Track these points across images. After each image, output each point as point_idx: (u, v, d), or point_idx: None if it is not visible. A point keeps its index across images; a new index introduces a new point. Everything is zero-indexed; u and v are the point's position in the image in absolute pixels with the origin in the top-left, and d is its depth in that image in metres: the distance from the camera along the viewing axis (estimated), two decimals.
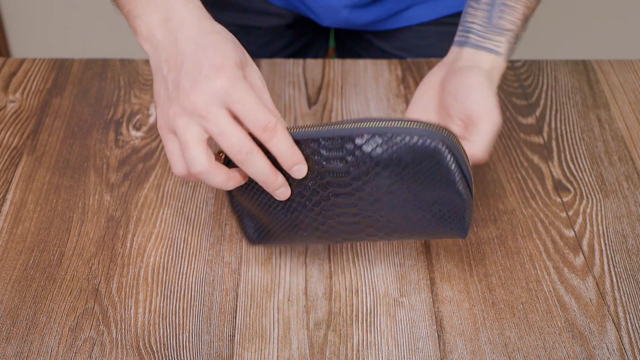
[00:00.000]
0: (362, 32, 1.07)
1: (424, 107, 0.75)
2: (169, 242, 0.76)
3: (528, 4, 0.75)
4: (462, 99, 0.70)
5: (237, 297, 0.72)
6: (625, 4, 2.03)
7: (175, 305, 0.71)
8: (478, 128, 0.69)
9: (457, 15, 1.02)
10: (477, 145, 0.68)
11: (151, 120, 0.90)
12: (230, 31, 1.08)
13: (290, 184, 0.64)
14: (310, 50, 1.13)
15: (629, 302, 0.71)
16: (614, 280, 0.73)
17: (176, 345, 0.68)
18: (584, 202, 0.81)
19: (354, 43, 1.11)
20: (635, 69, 1.00)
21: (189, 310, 0.71)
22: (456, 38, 0.76)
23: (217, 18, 1.08)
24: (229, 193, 0.67)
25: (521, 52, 1.22)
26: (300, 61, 1.00)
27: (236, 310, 0.71)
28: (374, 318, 0.70)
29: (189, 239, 0.77)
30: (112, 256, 0.75)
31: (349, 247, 0.76)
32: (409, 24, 1.03)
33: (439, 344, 0.68)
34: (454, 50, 0.76)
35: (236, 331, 0.69)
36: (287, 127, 0.62)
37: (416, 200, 0.64)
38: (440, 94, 0.74)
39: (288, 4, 1.03)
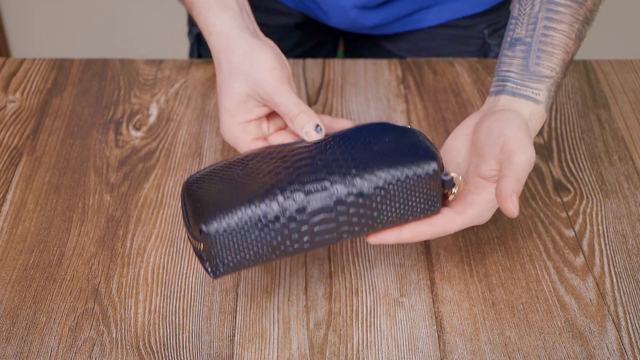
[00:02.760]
0: (370, 34, 1.07)
1: (454, 154, 0.71)
2: (169, 242, 0.76)
3: (567, 48, 0.71)
4: (496, 134, 0.66)
5: (237, 297, 0.72)
6: (625, 4, 2.03)
7: (175, 305, 0.71)
8: (512, 161, 0.64)
9: (465, 18, 1.03)
10: (510, 179, 0.63)
11: (151, 120, 0.90)
12: None
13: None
14: (318, 53, 1.13)
15: (629, 302, 0.71)
16: (614, 280, 0.73)
17: (176, 345, 0.68)
18: (584, 202, 0.81)
19: (361, 45, 1.11)
20: (635, 69, 1.00)
21: (189, 310, 0.71)
22: (491, 89, 0.73)
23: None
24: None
25: None
26: (300, 61, 1.00)
27: (236, 310, 0.71)
28: (374, 318, 0.70)
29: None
30: (112, 256, 0.75)
31: (349, 247, 0.76)
32: (417, 28, 1.03)
33: (439, 344, 0.68)
34: (489, 99, 0.72)
35: (236, 331, 0.69)
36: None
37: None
38: (472, 139, 0.70)
39: (297, 3, 1.03)
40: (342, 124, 0.74)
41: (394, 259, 0.75)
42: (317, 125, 0.68)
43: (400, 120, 0.91)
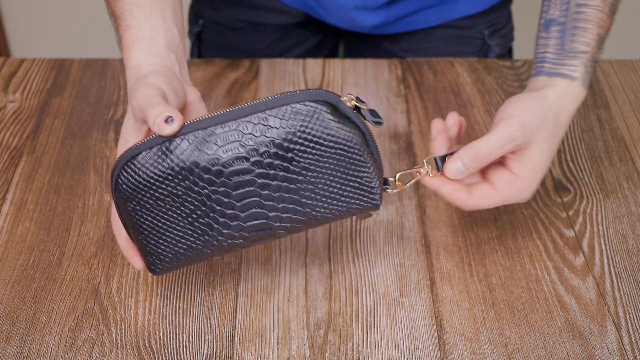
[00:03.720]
0: (370, 35, 1.07)
1: None
2: None
3: (601, 22, 0.71)
4: (500, 114, 0.68)
5: (237, 297, 0.72)
6: (625, 4, 2.03)
7: (175, 305, 0.71)
8: (486, 135, 0.67)
9: (464, 19, 1.03)
10: (465, 149, 0.66)
11: None
12: (239, 28, 1.09)
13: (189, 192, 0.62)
14: (319, 53, 1.13)
15: (629, 302, 0.71)
16: (614, 280, 0.73)
17: (176, 345, 0.68)
18: (584, 202, 0.81)
19: (361, 45, 1.11)
20: (635, 69, 1.00)
21: (189, 310, 0.71)
22: (532, 71, 0.74)
23: (227, 14, 1.08)
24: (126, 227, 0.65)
25: (521, 52, 1.23)
26: (300, 61, 1.00)
27: (236, 310, 0.71)
28: (374, 318, 0.70)
29: None
30: (112, 256, 0.75)
31: (349, 247, 0.76)
32: (416, 28, 1.03)
33: (439, 344, 0.68)
34: (530, 82, 0.73)
35: (236, 331, 0.69)
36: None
37: (324, 177, 0.63)
38: None
39: (298, 2, 1.03)
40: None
41: (394, 259, 0.75)
42: (169, 117, 0.61)
43: (400, 120, 0.91)
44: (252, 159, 0.61)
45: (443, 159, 0.68)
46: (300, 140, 0.61)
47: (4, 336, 0.68)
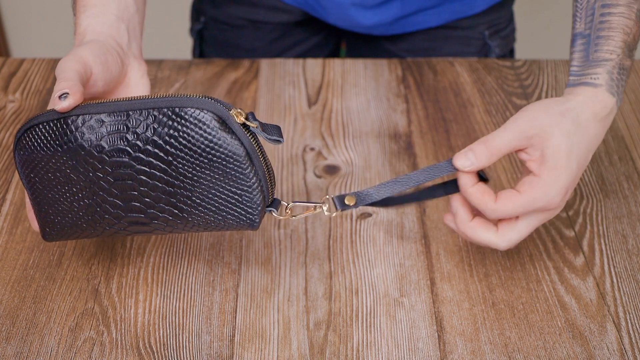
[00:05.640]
0: (370, 35, 1.07)
1: None
2: (169, 242, 0.76)
3: (626, 29, 0.69)
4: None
5: (237, 297, 0.72)
6: None
7: (175, 305, 0.71)
8: (499, 131, 0.66)
9: (464, 19, 1.03)
10: (479, 143, 0.66)
11: None
12: (240, 25, 1.09)
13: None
14: (319, 53, 1.13)
15: (629, 302, 0.71)
16: (614, 280, 0.73)
17: (176, 345, 0.68)
18: (584, 202, 0.81)
19: (361, 44, 1.11)
20: (635, 69, 0.99)
21: (189, 310, 0.71)
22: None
23: (228, 12, 1.08)
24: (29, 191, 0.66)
25: (521, 52, 1.23)
26: (300, 61, 1.00)
27: (236, 310, 0.71)
28: (374, 318, 0.70)
29: (189, 239, 0.77)
30: (112, 256, 0.75)
31: (349, 247, 0.76)
32: (416, 29, 1.03)
33: (439, 344, 0.68)
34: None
35: (236, 331, 0.69)
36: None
37: (201, 186, 0.63)
38: None
39: (297, 0, 1.03)
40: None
41: (394, 259, 0.75)
42: (63, 94, 0.62)
43: (400, 120, 0.91)
44: (133, 155, 0.62)
45: (341, 199, 0.69)
46: (181, 147, 0.61)
47: (4, 336, 0.68)
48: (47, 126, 0.62)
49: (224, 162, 0.62)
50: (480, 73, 0.98)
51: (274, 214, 0.66)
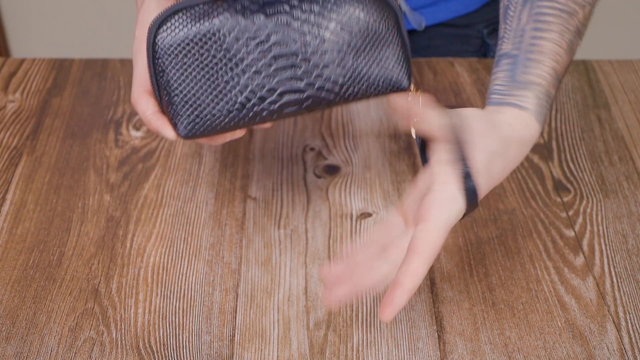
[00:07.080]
0: None
1: None
2: (169, 242, 0.76)
3: (557, 57, 0.66)
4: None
5: (237, 297, 0.72)
6: (625, 4, 2.03)
7: (175, 305, 0.71)
8: (426, 224, 0.59)
9: (461, 17, 1.03)
10: (411, 265, 0.59)
11: None
12: None
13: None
14: None
15: (629, 302, 0.71)
16: (614, 280, 0.73)
17: (176, 345, 0.68)
18: (584, 202, 0.81)
19: None
20: (635, 69, 1.00)
21: (189, 310, 0.71)
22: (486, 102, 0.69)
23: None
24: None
25: None
26: None
27: (236, 310, 0.71)
28: (374, 318, 0.70)
29: (189, 239, 0.77)
30: (112, 256, 0.75)
31: (349, 247, 0.76)
32: (411, 28, 1.03)
33: (439, 344, 0.68)
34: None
35: (236, 331, 0.69)
36: None
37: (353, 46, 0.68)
38: None
39: None
40: None
41: None
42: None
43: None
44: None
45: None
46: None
47: (4, 336, 0.68)
48: (189, 12, 0.62)
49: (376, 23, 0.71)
50: (480, 73, 0.98)
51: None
